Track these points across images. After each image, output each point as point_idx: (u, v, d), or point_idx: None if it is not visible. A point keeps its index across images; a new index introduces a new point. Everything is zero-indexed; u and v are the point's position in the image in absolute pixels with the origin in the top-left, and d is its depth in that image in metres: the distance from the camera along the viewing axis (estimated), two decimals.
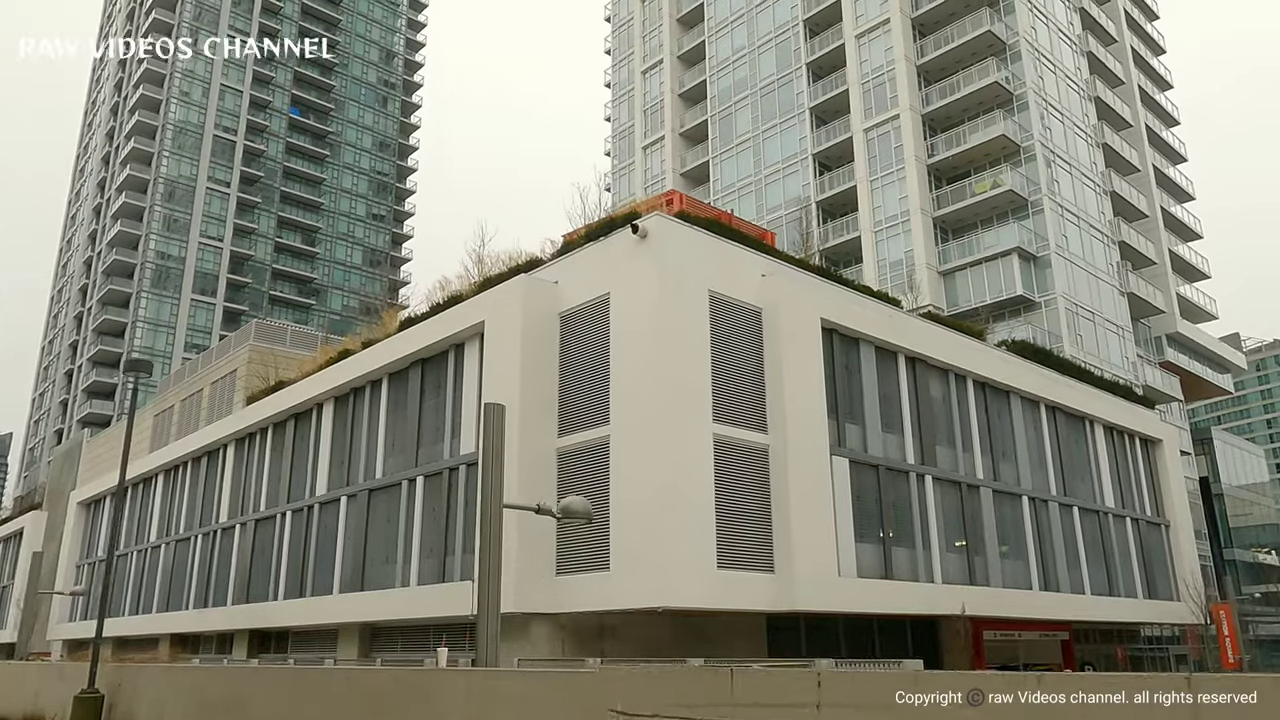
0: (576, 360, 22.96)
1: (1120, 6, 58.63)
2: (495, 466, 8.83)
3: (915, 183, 44.08)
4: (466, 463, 24.08)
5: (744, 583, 20.91)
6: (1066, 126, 46.89)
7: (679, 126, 58.55)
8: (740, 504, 21.34)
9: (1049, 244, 41.91)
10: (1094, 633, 37.37)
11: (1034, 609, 29.50)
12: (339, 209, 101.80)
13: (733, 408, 22.00)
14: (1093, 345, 42.25)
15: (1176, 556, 38.34)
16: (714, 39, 57.34)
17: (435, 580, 24.05)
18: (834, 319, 24.61)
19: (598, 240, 23.33)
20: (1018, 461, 30.87)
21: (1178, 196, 58.03)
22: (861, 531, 23.83)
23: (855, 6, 49.13)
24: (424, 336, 26.70)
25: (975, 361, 29.77)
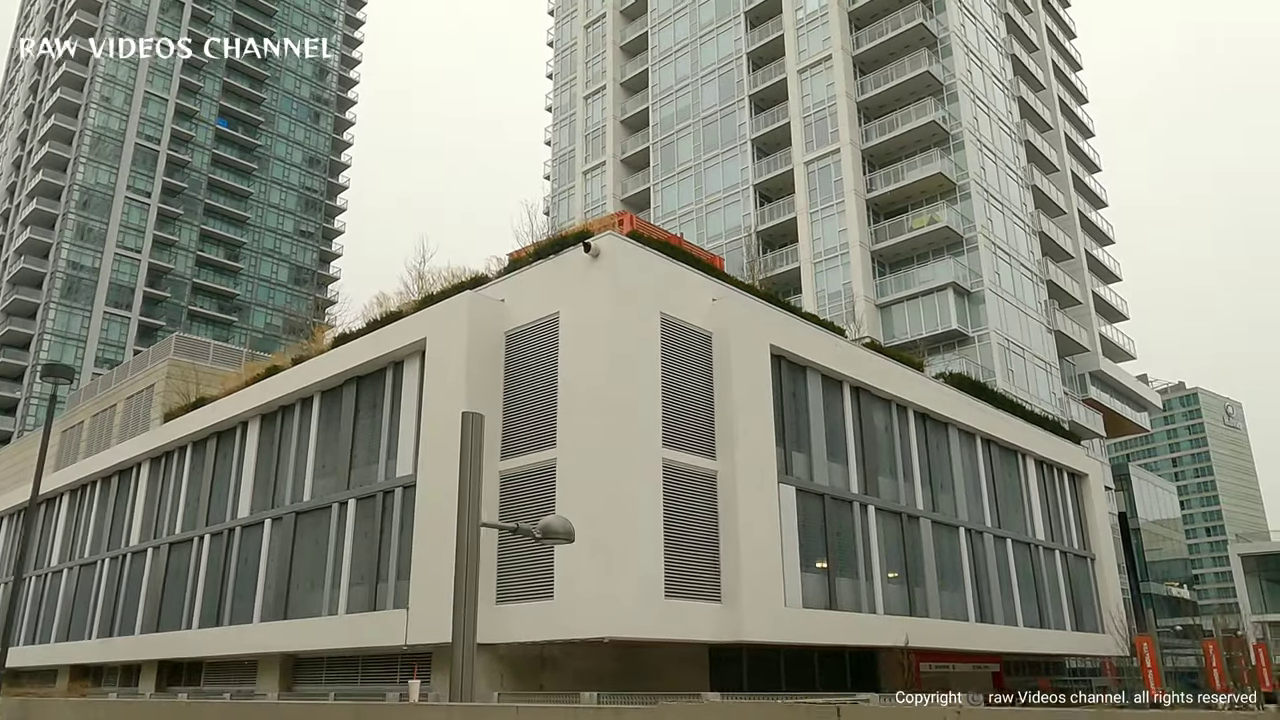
0: (522, 380, 22.28)
1: (1048, 57, 60.88)
2: (474, 481, 8.19)
3: (854, 216, 44.68)
4: (403, 485, 23.12)
5: (691, 612, 20.37)
6: (999, 167, 48.22)
7: (620, 152, 58.52)
8: (689, 531, 20.85)
9: (983, 280, 42.83)
10: (1023, 664, 37.73)
11: (970, 641, 29.61)
12: (266, 224, 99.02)
13: (682, 433, 21.57)
14: (1023, 380, 43.20)
15: (1102, 589, 39.13)
16: (657, 68, 57.61)
17: (366, 608, 22.92)
18: (783, 346, 24.45)
19: (547, 258, 22.78)
20: (955, 493, 31.11)
21: (1099, 240, 60.20)
22: (807, 561, 23.55)
23: (798, 42, 49.88)
24: (360, 353, 25.68)
25: (916, 393, 29.98)
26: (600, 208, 54.85)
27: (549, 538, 9.00)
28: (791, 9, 50.57)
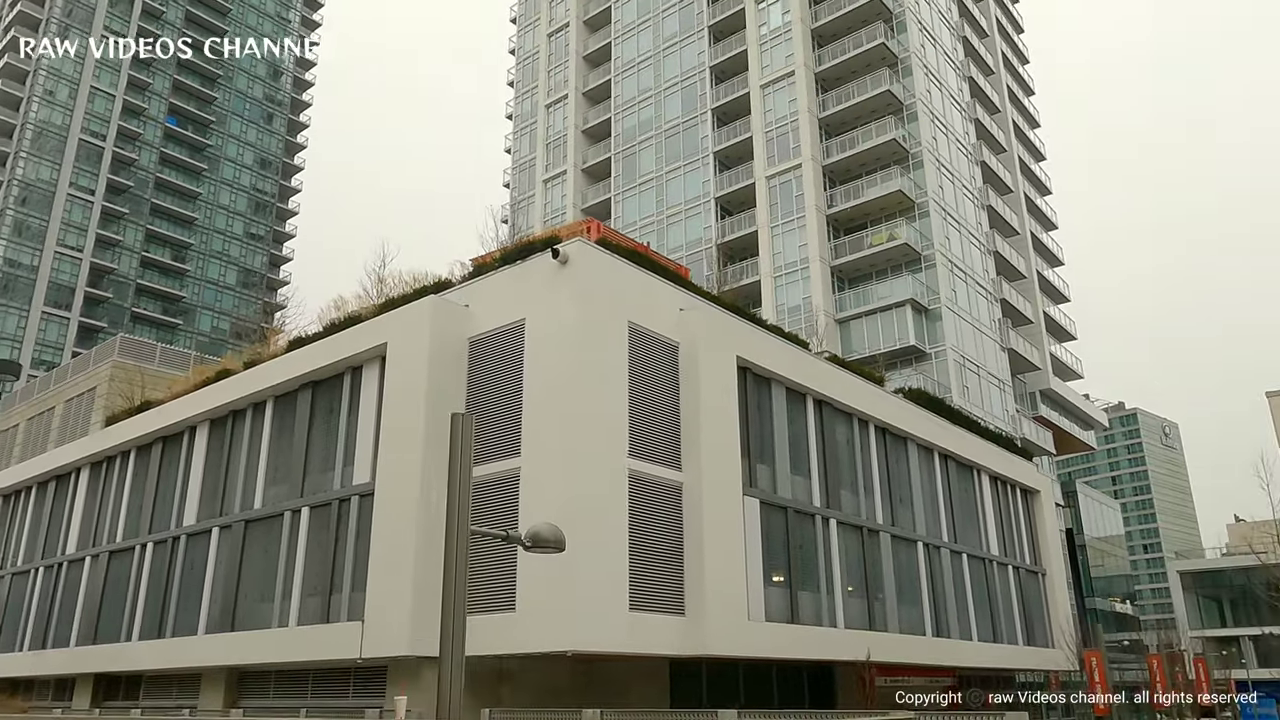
0: (486, 388, 21.84)
1: (1004, 81, 62.15)
2: (464, 485, 7.82)
3: (815, 231, 44.98)
4: (360, 493, 22.49)
5: (655, 626, 20.06)
6: (956, 186, 48.95)
7: (581, 162, 58.28)
8: (653, 543, 20.57)
9: (940, 297, 43.36)
10: (975, 679, 37.99)
11: (927, 655, 29.68)
12: (214, 226, 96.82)
13: (648, 443, 21.31)
14: (978, 397, 43.76)
15: (1052, 604, 39.64)
16: (620, 78, 57.56)
17: (318, 620, 22.20)
18: (749, 357, 24.33)
19: (514, 264, 22.41)
20: (914, 508, 31.25)
21: (1050, 261, 61.46)
22: (770, 574, 23.39)
23: (761, 58, 50.21)
24: (317, 357, 25.00)
25: (876, 407, 30.09)
26: (560, 217, 54.53)
27: (538, 546, 8.65)
28: (755, 25, 50.93)
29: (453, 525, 7.50)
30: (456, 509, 7.59)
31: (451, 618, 7.11)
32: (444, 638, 7.20)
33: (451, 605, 7.20)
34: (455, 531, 7.38)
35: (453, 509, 7.65)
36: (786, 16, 49.46)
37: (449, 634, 7.10)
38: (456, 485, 7.61)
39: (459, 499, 7.66)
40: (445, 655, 7.20)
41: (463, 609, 7.47)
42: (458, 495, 7.65)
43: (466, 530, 7.64)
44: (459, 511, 7.56)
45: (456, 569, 7.24)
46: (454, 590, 7.23)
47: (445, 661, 7.22)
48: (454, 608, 7.12)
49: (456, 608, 7.20)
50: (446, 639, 7.11)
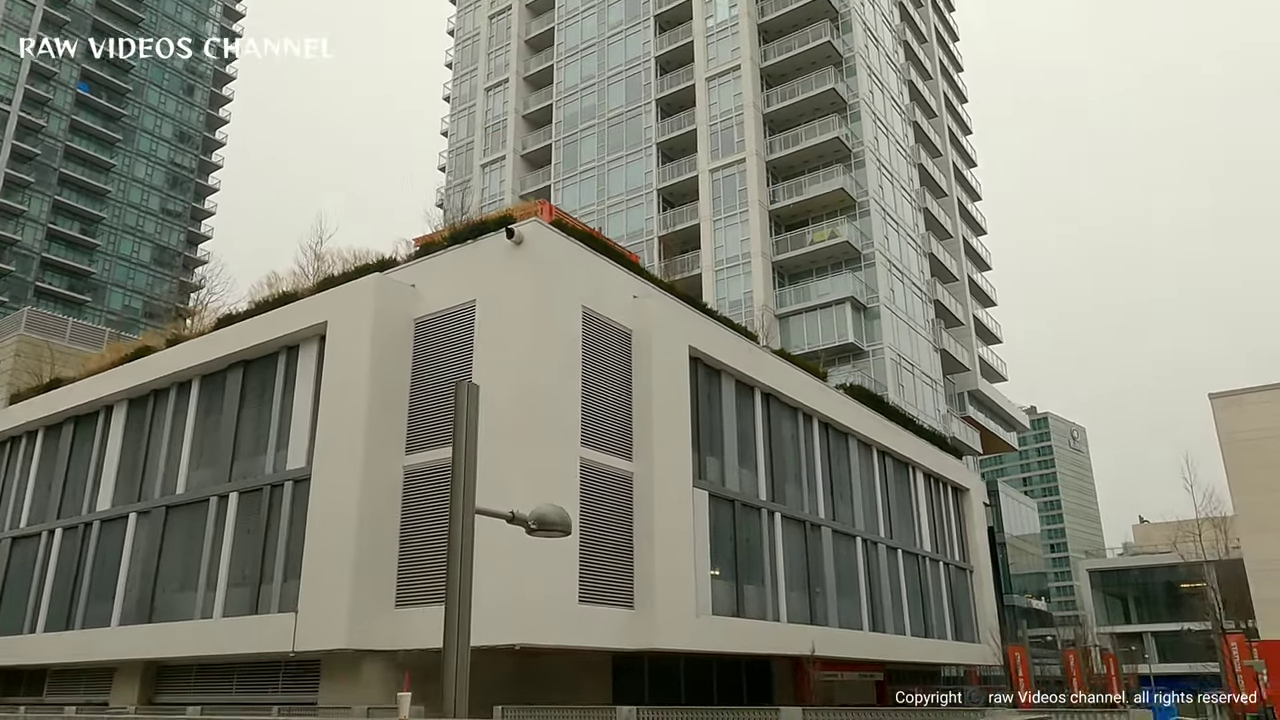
0: (432, 371, 20.99)
1: (941, 88, 63.25)
2: (469, 462, 7.16)
3: (757, 226, 44.96)
4: (294, 479, 21.39)
5: (604, 619, 19.56)
6: (895, 188, 49.56)
7: (521, 148, 57.26)
8: (604, 534, 20.05)
9: (878, 296, 43.81)
10: (904, 673, 38.48)
11: (863, 650, 29.85)
12: (128, 200, 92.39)
13: (600, 432, 20.77)
14: (912, 395, 44.38)
15: (979, 600, 40.46)
16: (563, 64, 56.70)
17: (246, 611, 21.05)
18: (701, 348, 23.99)
19: (464, 244, 21.58)
20: (854, 503, 31.41)
21: (979, 265, 62.87)
22: (717, 567, 23.11)
23: (707, 50, 49.98)
24: (249, 336, 23.75)
25: (821, 402, 30.11)
26: (499, 202, 53.41)
27: (544, 529, 8.05)
28: (702, 17, 50.67)
29: (458, 503, 6.86)
30: (463, 485, 6.94)
31: (457, 609, 6.48)
32: (449, 630, 6.57)
33: (458, 595, 6.56)
34: (461, 513, 6.74)
35: (458, 485, 7.00)
36: (734, 10, 49.33)
37: (454, 626, 6.47)
38: (462, 459, 6.97)
39: (465, 474, 7.02)
40: (449, 649, 6.57)
41: (468, 600, 6.84)
42: (464, 470, 7.01)
43: (472, 508, 7.00)
44: (465, 488, 6.92)
45: (461, 555, 6.61)
46: (460, 578, 6.60)
47: (450, 655, 6.59)
48: (460, 598, 6.50)
49: (462, 598, 6.57)
50: (451, 631, 6.48)
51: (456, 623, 6.43)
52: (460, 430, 7.09)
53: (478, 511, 7.32)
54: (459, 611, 6.46)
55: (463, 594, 6.62)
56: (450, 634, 6.54)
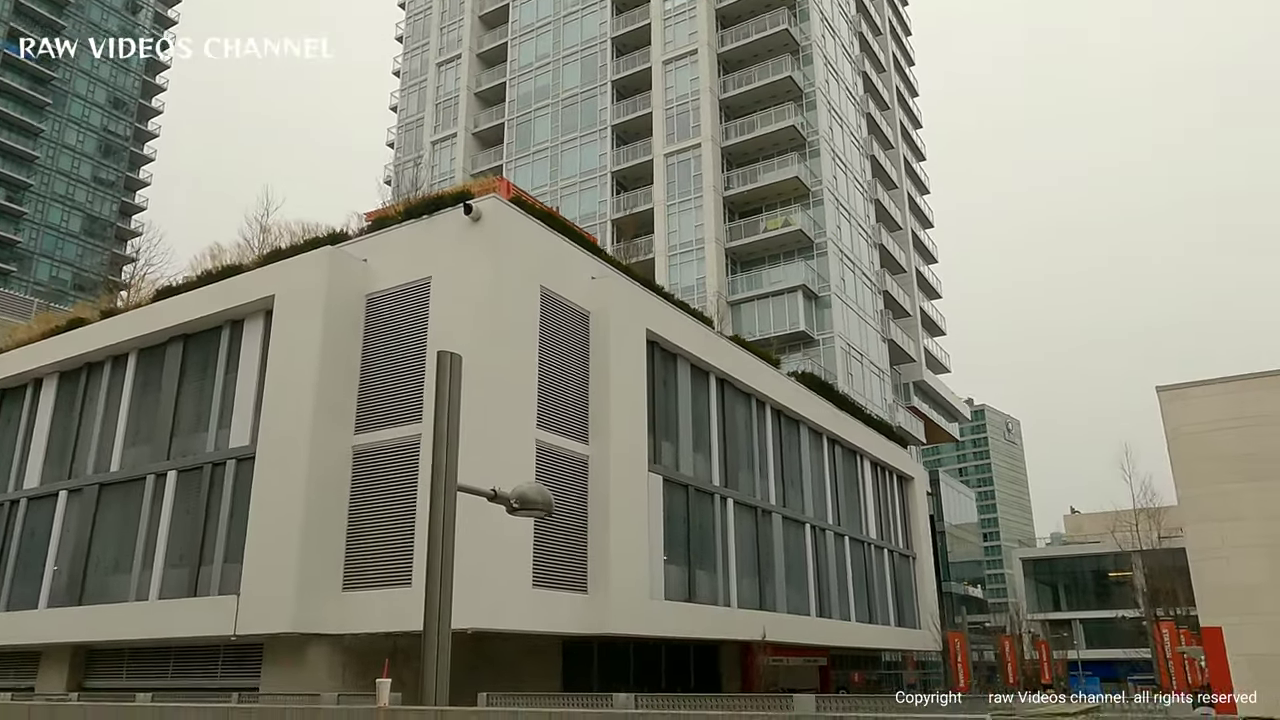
0: (384, 348, 20.42)
1: (894, 82, 63.77)
2: (451, 436, 6.78)
3: (711, 212, 44.85)
4: (238, 457, 20.67)
5: (558, 603, 19.30)
6: (849, 178, 49.84)
7: (473, 126, 56.26)
8: (558, 518, 19.71)
9: (830, 285, 44.06)
10: (846, 658, 38.97)
11: (810, 635, 30.08)
12: (58, 166, 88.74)
13: (557, 414, 20.45)
14: (860, 385, 44.78)
15: (920, 587, 41.14)
16: (517, 42, 55.78)
17: (184, 593, 20.32)
18: (658, 331, 23.78)
19: (420, 219, 21.00)
20: (804, 490, 31.58)
21: (926, 258, 63.68)
22: (670, 553, 22.99)
23: (664, 33, 49.58)
24: (191, 308, 22.85)
25: (774, 389, 30.15)
26: (449, 180, 52.43)
27: (525, 508, 7.73)
28: None
29: (439, 479, 6.49)
30: (444, 460, 6.58)
31: (438, 591, 6.14)
32: (429, 614, 6.23)
33: (438, 577, 6.22)
34: (443, 491, 6.39)
35: (439, 460, 6.64)
36: None
37: (435, 609, 6.13)
38: (444, 432, 6.60)
39: (446, 449, 6.66)
40: (430, 632, 6.23)
41: (449, 581, 6.50)
42: (445, 444, 6.64)
43: (454, 484, 6.65)
44: (446, 463, 6.56)
45: (444, 535, 6.25)
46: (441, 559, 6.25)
47: (430, 639, 6.24)
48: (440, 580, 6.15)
49: (443, 580, 6.23)
50: (432, 615, 6.14)
51: (438, 605, 6.10)
52: (443, 402, 6.73)
53: (460, 489, 6.97)
54: (440, 597, 6.12)
55: (444, 575, 6.29)
56: (431, 619, 6.20)
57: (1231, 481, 19.19)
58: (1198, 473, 19.55)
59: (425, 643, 6.32)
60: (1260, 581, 18.68)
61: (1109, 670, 73.81)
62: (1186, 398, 19.94)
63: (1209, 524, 19.32)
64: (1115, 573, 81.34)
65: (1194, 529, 19.47)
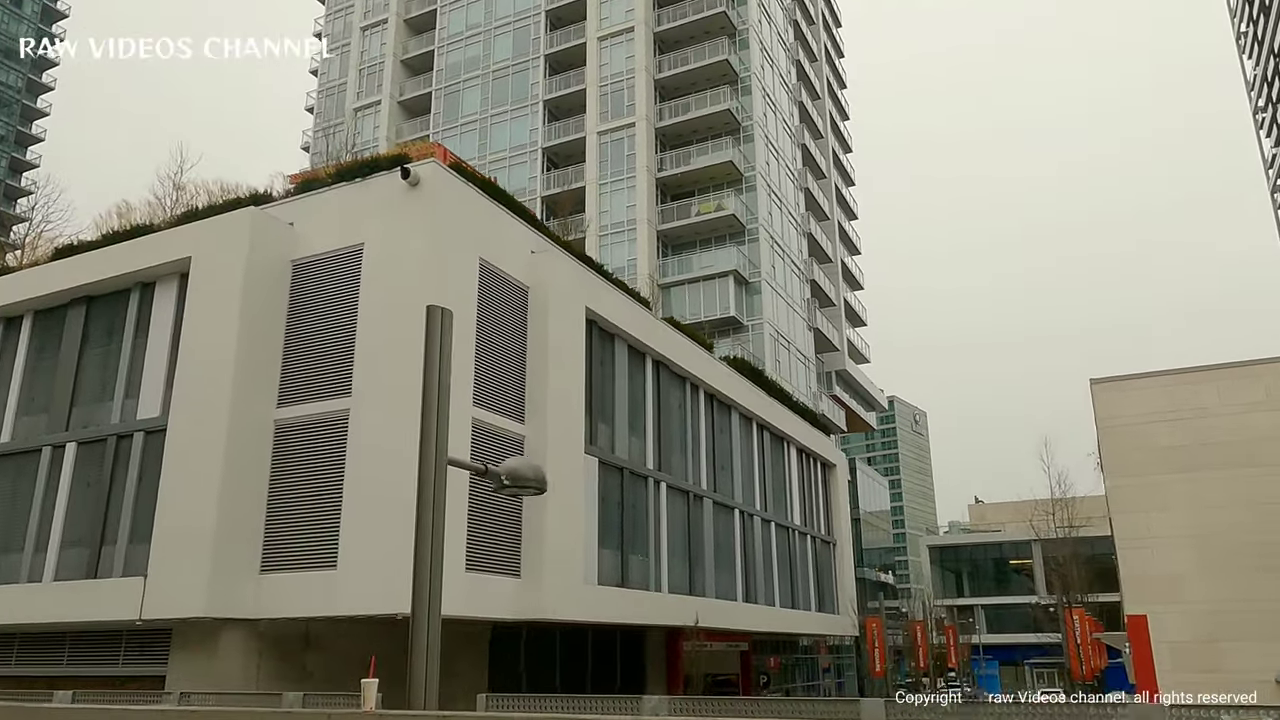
0: (309, 317, 19.26)
1: (824, 73, 64.16)
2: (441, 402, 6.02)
3: (644, 193, 44.28)
4: (147, 429, 19.26)
5: (491, 587, 18.58)
6: (780, 165, 49.87)
7: (398, 94, 54.33)
8: (493, 500, 18.96)
9: (760, 271, 44.04)
10: (766, 643, 39.18)
11: (737, 620, 29.99)
12: None
13: (493, 392, 19.64)
14: (788, 372, 44.97)
15: (840, 573, 41.63)
16: (447, 10, 54.04)
17: (84, 575, 18.87)
18: (597, 310, 23.14)
19: (352, 181, 19.84)
20: (734, 475, 31.43)
21: (850, 249, 64.48)
22: (604, 537, 22.47)
23: (600, 9, 48.65)
24: (95, 269, 21.21)
25: (707, 373, 29.85)
26: (373, 149, 50.48)
27: (516, 485, 7.03)
28: None
29: (429, 449, 5.75)
30: (435, 428, 5.84)
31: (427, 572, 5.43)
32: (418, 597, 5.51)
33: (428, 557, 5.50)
34: (433, 462, 5.66)
35: (429, 428, 5.89)
36: None
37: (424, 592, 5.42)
38: (435, 399, 5.86)
39: (438, 416, 5.92)
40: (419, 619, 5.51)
41: (439, 562, 5.78)
42: (435, 412, 5.90)
43: (444, 456, 5.93)
44: (437, 433, 5.82)
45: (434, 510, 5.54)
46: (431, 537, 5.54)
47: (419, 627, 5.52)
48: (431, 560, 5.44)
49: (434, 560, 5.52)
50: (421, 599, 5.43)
51: (428, 595, 5.39)
52: (433, 364, 6.00)
53: (450, 462, 6.25)
54: (430, 577, 5.42)
55: (434, 561, 5.58)
56: (420, 603, 5.49)
57: (1161, 473, 19.66)
58: (1128, 463, 19.97)
59: (414, 637, 5.63)
60: (1184, 571, 19.18)
61: (1008, 654, 76.77)
62: (1120, 390, 20.32)
63: (1136, 514, 19.74)
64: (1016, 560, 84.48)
65: (1122, 518, 19.87)
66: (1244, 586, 18.71)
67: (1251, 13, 73.17)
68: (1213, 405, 19.54)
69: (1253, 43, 72.82)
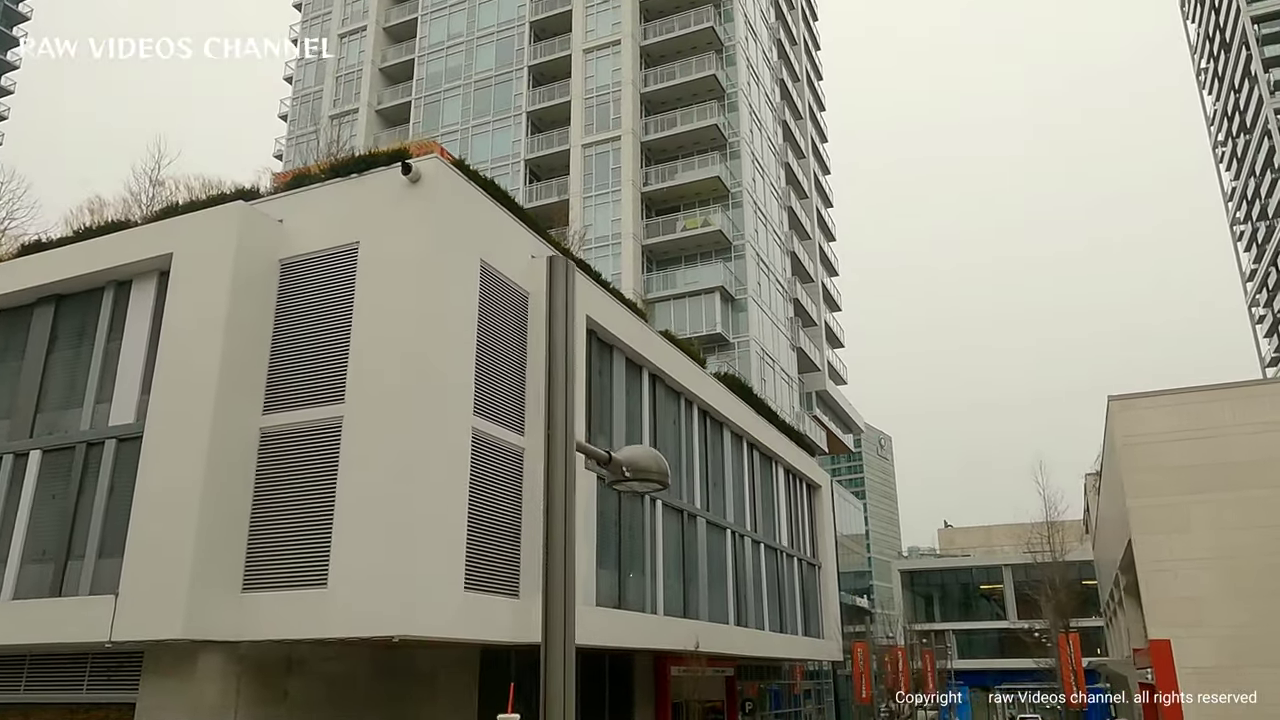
0: (298, 319, 18.14)
1: (806, 94, 64.20)
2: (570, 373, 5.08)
3: (629, 207, 43.62)
4: (120, 437, 17.95)
5: (490, 608, 17.47)
6: (765, 182, 49.53)
7: (376, 103, 53.30)
8: (493, 514, 17.96)
9: (746, 289, 43.48)
10: (750, 668, 38.25)
11: (728, 644, 29.08)
12: None
13: (493, 400, 18.64)
14: (772, 391, 44.35)
15: (826, 597, 40.90)
16: (428, 19, 53.22)
17: (48, 593, 17.45)
18: (597, 319, 22.30)
19: (348, 177, 18.84)
20: (725, 494, 30.64)
21: (829, 270, 64.27)
22: (602, 556, 21.50)
23: (586, 21, 48.13)
24: (66, 266, 19.89)
25: (701, 389, 29.12)
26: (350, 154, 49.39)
27: (637, 476, 6.11)
28: None
29: (557, 433, 4.81)
30: (564, 408, 4.90)
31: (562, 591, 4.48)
32: (552, 619, 4.56)
33: (563, 572, 4.56)
34: (560, 450, 4.73)
35: (558, 407, 4.96)
36: None
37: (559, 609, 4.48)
38: (563, 369, 4.93)
39: (566, 390, 4.98)
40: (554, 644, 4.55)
41: (572, 579, 4.84)
42: (565, 384, 4.96)
43: (574, 439, 5.00)
44: (566, 410, 4.89)
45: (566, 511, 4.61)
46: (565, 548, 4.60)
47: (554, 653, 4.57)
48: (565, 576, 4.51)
49: (568, 577, 4.58)
50: (555, 620, 4.48)
51: (563, 614, 4.44)
52: (560, 324, 5.07)
53: (580, 449, 5.33)
54: (563, 595, 4.48)
55: (568, 574, 4.63)
56: (555, 626, 4.54)
57: (1180, 493, 19.13)
58: (1146, 484, 19.43)
59: (548, 662, 4.69)
60: (1207, 594, 18.62)
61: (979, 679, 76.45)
62: (1136, 408, 19.82)
63: (1157, 536, 19.18)
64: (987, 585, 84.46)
65: (1143, 540, 19.31)
66: (1269, 610, 18.19)
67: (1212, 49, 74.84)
68: (1230, 424, 19.10)
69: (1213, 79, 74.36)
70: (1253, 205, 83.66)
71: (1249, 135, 79.67)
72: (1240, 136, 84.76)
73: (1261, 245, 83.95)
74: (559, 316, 4.90)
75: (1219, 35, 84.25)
